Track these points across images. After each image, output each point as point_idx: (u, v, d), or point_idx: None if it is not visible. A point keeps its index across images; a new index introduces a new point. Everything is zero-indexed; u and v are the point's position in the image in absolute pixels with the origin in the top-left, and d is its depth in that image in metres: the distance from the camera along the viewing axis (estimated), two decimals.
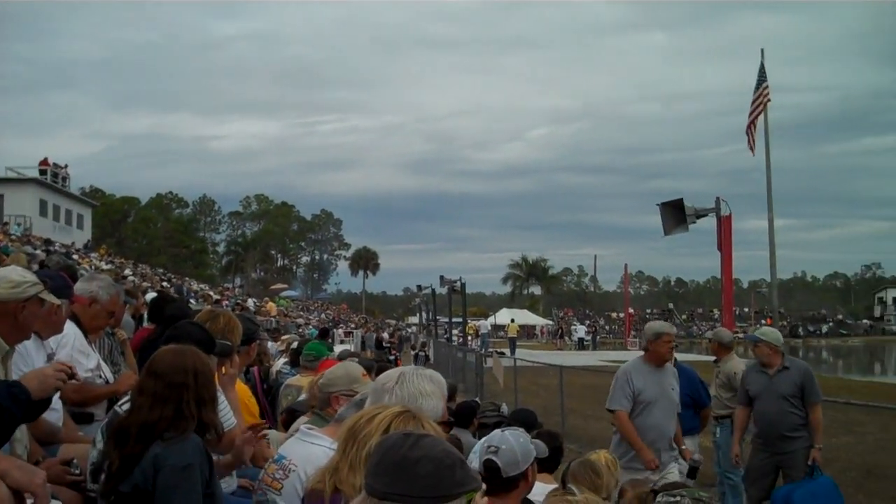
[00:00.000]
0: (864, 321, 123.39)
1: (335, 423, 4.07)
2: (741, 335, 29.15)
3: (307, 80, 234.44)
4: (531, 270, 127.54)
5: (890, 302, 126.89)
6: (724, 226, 14.31)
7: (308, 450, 3.88)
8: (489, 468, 4.06)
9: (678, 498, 2.85)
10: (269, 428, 7.34)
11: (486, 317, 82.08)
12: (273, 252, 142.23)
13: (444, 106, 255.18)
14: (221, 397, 4.81)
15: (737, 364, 11.16)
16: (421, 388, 3.48)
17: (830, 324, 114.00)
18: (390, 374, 3.61)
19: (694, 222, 14.53)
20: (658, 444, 8.03)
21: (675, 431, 8.30)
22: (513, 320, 62.98)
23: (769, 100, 16.87)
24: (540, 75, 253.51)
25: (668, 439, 8.16)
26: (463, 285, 36.56)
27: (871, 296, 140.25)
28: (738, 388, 9.74)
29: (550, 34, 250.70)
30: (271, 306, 49.71)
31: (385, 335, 46.54)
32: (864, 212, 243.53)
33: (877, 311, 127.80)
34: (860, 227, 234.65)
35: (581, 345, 65.85)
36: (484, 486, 2.88)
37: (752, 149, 16.49)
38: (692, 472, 7.82)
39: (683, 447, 8.38)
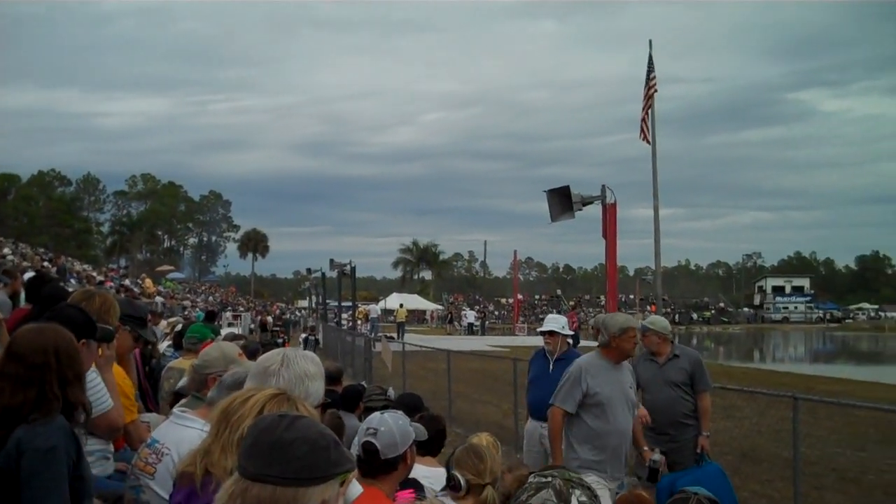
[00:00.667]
0: (745, 309, 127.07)
1: (207, 405, 3.98)
2: None
3: (199, 57, 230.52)
4: (422, 255, 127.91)
5: (769, 291, 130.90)
6: (609, 213, 14.47)
7: (181, 433, 3.79)
8: (367, 450, 4.05)
9: (549, 479, 2.84)
10: (151, 411, 7.19)
11: (376, 301, 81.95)
12: (159, 233, 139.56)
13: (338, 88, 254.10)
14: (98, 378, 4.67)
15: None
16: (306, 370, 3.42)
17: (713, 311, 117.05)
18: (272, 357, 3.53)
19: (580, 209, 14.63)
20: (622, 449, 7.48)
21: (631, 433, 7.72)
22: (402, 305, 62.97)
23: (656, 90, 17.15)
24: (434, 59, 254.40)
25: (629, 441, 7.64)
26: (353, 269, 36.40)
27: (752, 284, 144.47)
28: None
29: (445, 18, 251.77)
30: (148, 283, 48.66)
31: (269, 318, 45.91)
32: (747, 202, 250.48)
33: (757, 300, 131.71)
34: (742, 218, 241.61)
35: (470, 330, 66.31)
36: (356, 470, 2.85)
37: (647, 139, 16.74)
38: (652, 474, 7.56)
39: (644, 449, 7.94)
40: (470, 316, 71.23)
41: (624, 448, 7.48)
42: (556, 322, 9.72)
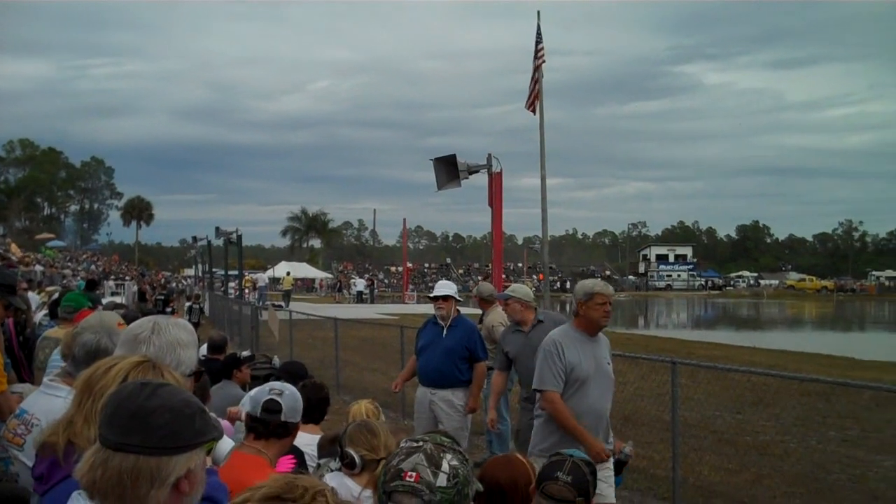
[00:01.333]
0: (630, 277, 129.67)
1: (71, 375, 3.89)
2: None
3: (80, 20, 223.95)
4: (311, 223, 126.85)
5: (653, 259, 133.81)
6: (495, 182, 14.56)
7: (49, 402, 3.69)
8: (270, 409, 4.04)
9: (420, 443, 2.83)
10: (25, 382, 6.99)
11: (264, 270, 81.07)
12: (39, 200, 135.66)
13: (227, 54, 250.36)
14: None
15: (498, 316, 11.42)
16: (178, 338, 3.34)
17: (599, 279, 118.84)
18: (143, 324, 3.44)
19: (466, 178, 14.68)
20: (596, 431, 6.72)
21: (609, 413, 7.01)
22: (288, 273, 62.45)
23: (544, 61, 17.25)
24: (325, 27, 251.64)
25: (607, 424, 6.91)
26: (239, 237, 35.85)
27: (637, 253, 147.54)
28: (497, 360, 9.23)
29: None
30: (14, 248, 47.01)
31: (147, 287, 44.66)
32: (632, 173, 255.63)
33: (641, 268, 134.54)
34: (628, 188, 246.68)
35: (360, 298, 66.17)
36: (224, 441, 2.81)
37: (533, 110, 16.83)
38: (618, 466, 6.76)
39: (611, 438, 7.02)
40: (359, 284, 70.97)
41: (600, 431, 6.75)
42: (448, 287, 9.60)
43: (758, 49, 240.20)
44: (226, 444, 2.97)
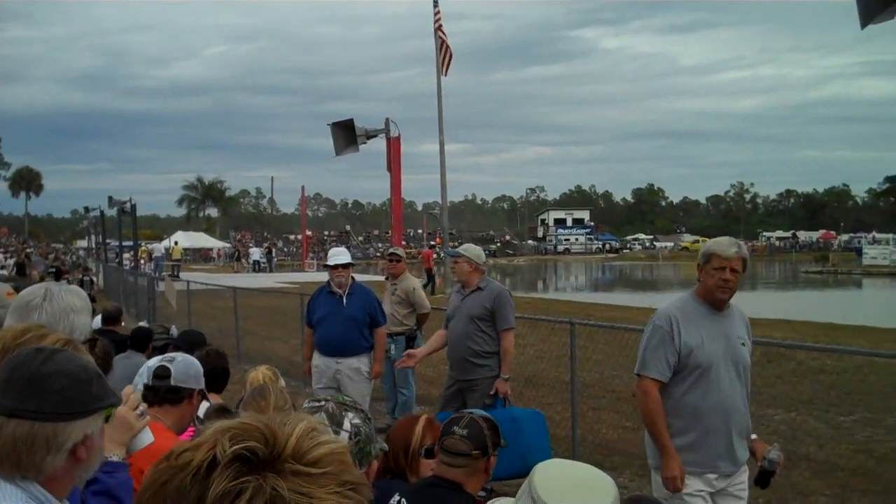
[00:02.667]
0: (529, 241, 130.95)
1: None
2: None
3: None
4: (207, 192, 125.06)
5: (552, 223, 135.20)
6: (394, 147, 14.60)
7: None
8: (159, 374, 3.99)
9: (322, 403, 2.85)
10: None
11: (160, 240, 79.77)
12: None
13: (117, 20, 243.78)
14: None
15: (413, 280, 11.48)
16: (71, 304, 3.29)
17: (498, 244, 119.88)
18: (34, 291, 3.37)
19: (364, 142, 14.69)
20: (722, 437, 5.18)
21: (746, 409, 5.36)
22: (176, 243, 61.69)
23: (440, 25, 17.27)
24: None
25: (744, 425, 5.30)
26: (133, 207, 35.13)
27: (536, 217, 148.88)
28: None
29: None
30: None
31: (27, 260, 43.02)
32: (530, 138, 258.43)
33: (540, 232, 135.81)
34: (526, 153, 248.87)
35: (257, 267, 65.56)
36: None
37: (445, 72, 16.82)
38: (762, 478, 5.23)
39: (754, 438, 5.38)
40: (255, 253, 70.15)
41: (730, 431, 5.19)
42: (345, 255, 9.64)
43: (652, 14, 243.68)
44: (146, 437, 2.93)
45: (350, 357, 9.21)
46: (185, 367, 4.06)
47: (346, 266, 9.37)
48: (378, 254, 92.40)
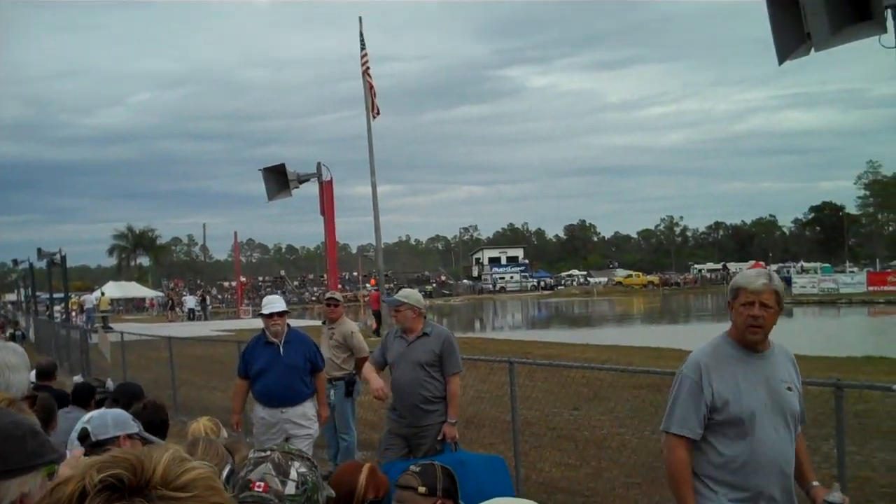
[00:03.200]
0: (465, 281, 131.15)
1: None
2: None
3: None
4: (138, 241, 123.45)
5: (486, 262, 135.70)
6: (326, 190, 14.60)
7: None
8: (81, 437, 3.94)
9: (268, 453, 2.84)
10: None
11: (91, 291, 78.49)
12: None
13: (42, 67, 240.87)
14: None
15: (351, 324, 11.45)
16: (6, 361, 3.24)
17: (434, 285, 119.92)
18: None
19: (297, 187, 14.69)
20: (774, 487, 4.56)
21: (794, 464, 4.69)
22: (103, 293, 60.61)
23: (368, 67, 17.36)
24: (144, 37, 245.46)
25: (789, 480, 4.66)
26: (63, 258, 34.62)
27: (470, 257, 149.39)
28: (375, 352, 8.60)
29: None
30: None
31: None
32: (462, 177, 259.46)
33: (475, 271, 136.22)
34: (458, 192, 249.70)
35: (192, 316, 64.81)
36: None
37: (375, 113, 16.87)
38: None
39: (814, 484, 4.73)
40: (190, 301, 69.40)
41: (779, 485, 4.58)
42: (280, 303, 9.42)
43: (576, 52, 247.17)
44: None
45: (295, 406, 9.10)
46: (100, 420, 4.04)
47: (281, 314, 9.19)
48: (314, 298, 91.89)
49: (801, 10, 5.51)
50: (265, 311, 9.23)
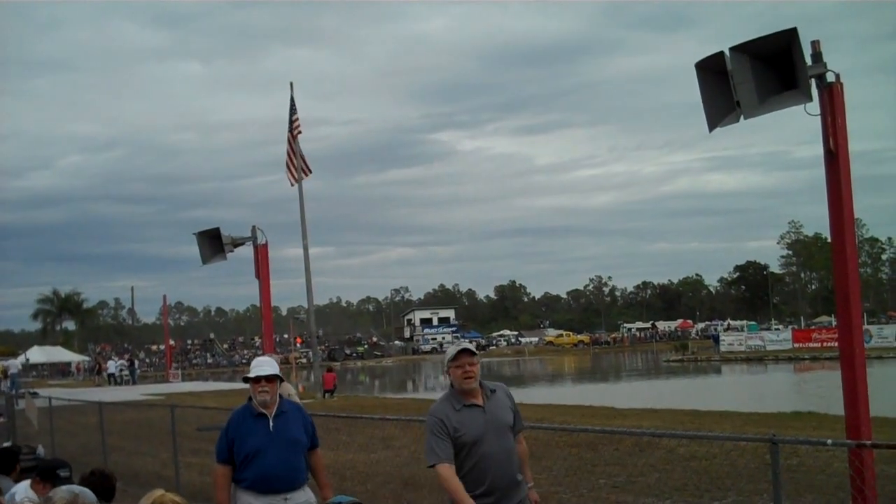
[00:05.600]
0: (397, 342, 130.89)
1: None
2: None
3: None
4: (64, 305, 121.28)
5: (418, 323, 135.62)
6: (261, 254, 14.61)
7: None
8: None
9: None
10: None
11: (15, 355, 76.78)
12: None
13: None
14: None
15: (287, 387, 11.39)
16: None
17: (366, 346, 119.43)
18: None
19: (231, 251, 14.69)
20: None
21: None
22: (27, 359, 59.31)
23: (300, 132, 17.51)
24: (74, 100, 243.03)
25: None
26: None
27: (402, 318, 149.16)
28: (440, 446, 6.41)
29: (86, 58, 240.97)
30: None
31: None
32: (393, 239, 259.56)
33: (407, 332, 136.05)
34: (390, 254, 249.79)
35: (115, 380, 63.62)
36: None
37: (293, 180, 16.95)
38: None
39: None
40: (111, 366, 67.74)
41: None
42: (270, 365, 7.43)
43: (505, 116, 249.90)
44: None
45: (297, 490, 7.36)
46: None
47: (270, 379, 7.25)
48: (244, 361, 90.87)
49: (731, 79, 5.75)
50: (252, 373, 7.32)
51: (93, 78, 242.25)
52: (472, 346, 6.43)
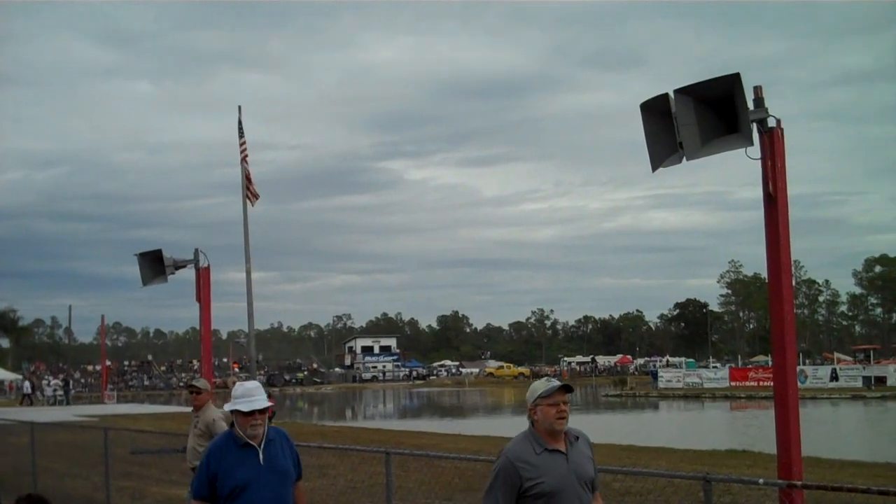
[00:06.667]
0: (337, 369, 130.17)
1: None
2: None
3: None
4: None
5: (359, 350, 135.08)
6: (203, 277, 14.48)
7: None
8: None
9: None
10: None
11: None
12: None
13: None
14: None
15: (214, 412, 11.25)
16: None
17: (305, 372, 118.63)
18: None
19: (173, 273, 14.57)
20: None
21: None
22: None
23: (246, 155, 17.46)
24: (17, 116, 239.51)
25: None
26: None
27: (343, 345, 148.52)
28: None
29: (32, 74, 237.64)
30: None
31: None
32: (337, 265, 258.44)
33: (348, 360, 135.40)
34: (333, 281, 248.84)
35: (24, 401, 62.63)
36: None
37: (251, 198, 16.90)
38: None
39: None
40: (26, 386, 66.62)
41: None
42: (261, 394, 6.48)
43: (452, 147, 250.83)
44: None
45: None
46: None
47: (263, 411, 6.42)
48: (181, 384, 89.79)
49: (674, 121, 5.86)
50: (243, 407, 6.34)
51: (38, 93, 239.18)
52: (570, 384, 5.73)
